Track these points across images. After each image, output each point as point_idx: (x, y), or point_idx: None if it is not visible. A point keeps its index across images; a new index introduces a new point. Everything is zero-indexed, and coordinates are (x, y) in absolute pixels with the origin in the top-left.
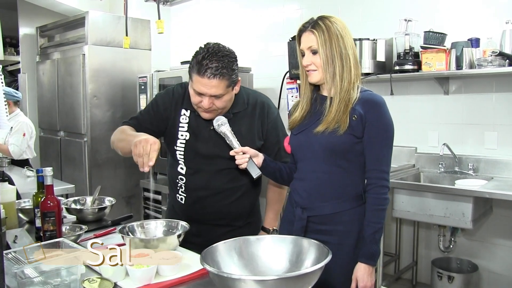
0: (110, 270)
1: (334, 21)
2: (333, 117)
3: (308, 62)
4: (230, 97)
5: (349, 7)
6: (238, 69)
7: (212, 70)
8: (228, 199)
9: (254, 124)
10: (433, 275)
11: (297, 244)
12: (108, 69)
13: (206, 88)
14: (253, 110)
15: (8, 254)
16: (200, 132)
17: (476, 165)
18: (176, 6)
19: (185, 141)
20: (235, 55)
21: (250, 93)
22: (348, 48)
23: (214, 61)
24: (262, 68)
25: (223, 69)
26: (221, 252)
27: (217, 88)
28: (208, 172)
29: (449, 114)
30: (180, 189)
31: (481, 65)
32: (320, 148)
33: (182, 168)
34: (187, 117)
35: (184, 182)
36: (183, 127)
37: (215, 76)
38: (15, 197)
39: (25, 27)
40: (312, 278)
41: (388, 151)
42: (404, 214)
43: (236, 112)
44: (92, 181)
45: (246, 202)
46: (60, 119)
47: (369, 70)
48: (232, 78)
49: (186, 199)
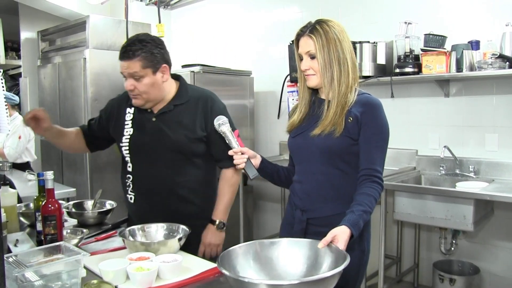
0: (111, 273)
1: (332, 25)
2: (330, 121)
3: (307, 67)
4: (152, 81)
5: (349, 9)
6: (163, 55)
7: (128, 52)
8: (175, 195)
9: (196, 116)
10: (435, 277)
11: (313, 248)
12: (109, 73)
13: (123, 69)
14: (196, 103)
15: (9, 258)
16: (144, 126)
17: (477, 167)
18: (176, 9)
19: (129, 136)
20: (160, 42)
21: (195, 89)
22: (346, 52)
23: (132, 45)
24: (263, 71)
25: (138, 51)
26: (237, 256)
27: (132, 67)
28: (153, 166)
29: (449, 116)
30: (128, 188)
31: (482, 67)
32: (318, 151)
33: (129, 166)
34: (131, 114)
35: (131, 180)
36: (128, 124)
37: (128, 56)
38: (16, 201)
39: (26, 31)
40: (331, 282)
41: (381, 153)
42: (405, 217)
43: (178, 104)
44: (93, 184)
45: (194, 201)
46: (61, 123)
47: (370, 73)
48: (149, 59)
49: (135, 198)
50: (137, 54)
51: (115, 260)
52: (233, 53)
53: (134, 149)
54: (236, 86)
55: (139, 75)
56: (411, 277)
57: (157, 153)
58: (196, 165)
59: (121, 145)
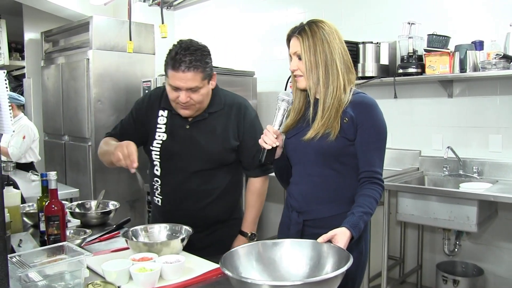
0: (114, 274)
1: (322, 26)
2: (323, 123)
3: (295, 68)
4: (207, 91)
5: (352, 10)
6: (211, 62)
7: (185, 63)
8: (203, 202)
9: (229, 124)
10: (438, 279)
11: (316, 248)
12: (112, 74)
13: (181, 82)
14: (230, 111)
15: (13, 258)
16: (177, 133)
17: (480, 168)
18: (179, 10)
19: (162, 141)
20: (207, 49)
21: (228, 95)
22: (334, 53)
23: (187, 55)
24: (266, 72)
25: (196, 62)
26: (240, 257)
27: (192, 80)
28: (182, 174)
29: (453, 117)
30: (156, 191)
31: (485, 67)
32: (313, 152)
33: (157, 170)
34: (164, 118)
35: (159, 184)
36: (161, 128)
37: (189, 68)
38: (20, 201)
39: (30, 32)
40: (334, 283)
41: (380, 153)
42: (408, 218)
43: (212, 112)
44: (96, 185)
45: (222, 205)
46: (64, 124)
47: (373, 73)
48: (206, 70)
49: (162, 201)
50: (197, 66)
51: (118, 261)
52: (236, 53)
53: (164, 155)
54: (239, 86)
55: (199, 87)
56: (414, 278)
57: (188, 161)
58: (225, 172)
59: (151, 148)
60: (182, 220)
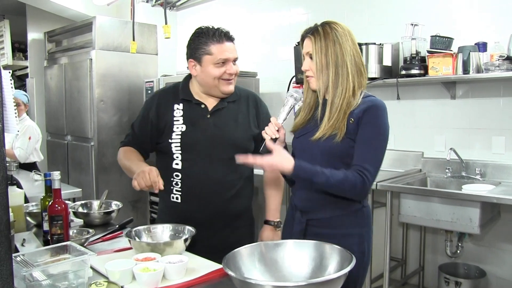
0: (117, 273)
1: (336, 27)
2: (330, 124)
3: (306, 68)
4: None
5: (355, 11)
6: None
7: (227, 35)
8: (228, 193)
9: (249, 112)
10: (440, 280)
11: (319, 249)
12: (115, 74)
13: (230, 52)
14: (246, 100)
15: (17, 257)
16: (198, 122)
17: (483, 170)
18: (182, 11)
19: (181, 132)
20: None
21: (240, 88)
22: (345, 55)
23: (222, 30)
24: (268, 73)
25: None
26: (242, 257)
27: (235, 50)
28: (206, 163)
29: (456, 118)
30: (174, 188)
31: (488, 69)
32: (319, 153)
33: (177, 164)
34: (180, 110)
35: (180, 178)
36: (178, 121)
37: (231, 39)
38: (23, 201)
39: (33, 32)
40: (337, 284)
41: (375, 153)
42: (410, 219)
43: (231, 101)
44: (98, 185)
45: (243, 199)
46: (67, 123)
47: (376, 74)
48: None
49: (182, 197)
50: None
51: (121, 261)
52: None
53: (186, 145)
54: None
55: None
56: (416, 279)
57: (212, 150)
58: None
59: (170, 141)
60: (203, 217)
